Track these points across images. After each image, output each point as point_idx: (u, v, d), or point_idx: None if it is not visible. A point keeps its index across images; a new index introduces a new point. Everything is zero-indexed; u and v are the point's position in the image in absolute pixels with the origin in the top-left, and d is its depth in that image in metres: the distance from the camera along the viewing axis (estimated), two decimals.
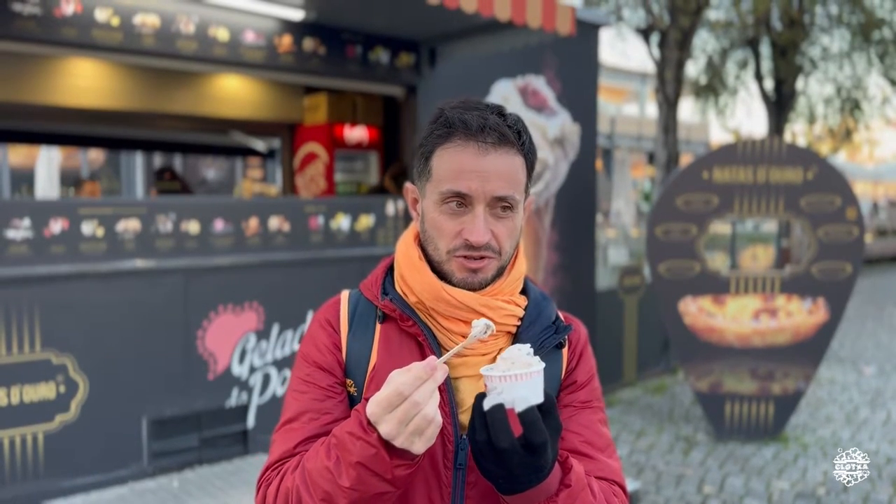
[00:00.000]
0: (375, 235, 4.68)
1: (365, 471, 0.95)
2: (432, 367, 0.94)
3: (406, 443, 0.93)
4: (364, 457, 0.94)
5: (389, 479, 0.95)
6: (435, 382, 0.94)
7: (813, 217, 4.93)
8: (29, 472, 3.45)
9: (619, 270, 7.04)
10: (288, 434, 1.12)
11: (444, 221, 1.12)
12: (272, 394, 4.23)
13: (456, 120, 1.10)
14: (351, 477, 0.96)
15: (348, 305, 1.21)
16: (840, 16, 12.59)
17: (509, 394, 0.94)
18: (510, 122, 1.12)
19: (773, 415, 5.08)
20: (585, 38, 5.70)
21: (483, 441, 0.95)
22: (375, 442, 0.94)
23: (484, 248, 1.10)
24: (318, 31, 4.41)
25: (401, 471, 0.95)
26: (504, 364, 0.96)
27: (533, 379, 0.95)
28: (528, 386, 0.94)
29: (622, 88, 26.95)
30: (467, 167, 1.09)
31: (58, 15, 3.53)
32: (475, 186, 1.09)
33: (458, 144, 1.10)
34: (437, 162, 1.12)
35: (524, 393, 0.94)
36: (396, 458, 0.95)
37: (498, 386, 0.95)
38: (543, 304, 1.21)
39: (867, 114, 14.34)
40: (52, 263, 3.50)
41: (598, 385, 1.24)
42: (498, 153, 1.10)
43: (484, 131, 1.09)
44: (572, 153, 5.75)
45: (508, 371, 0.95)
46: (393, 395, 0.93)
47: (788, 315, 5.01)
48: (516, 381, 0.94)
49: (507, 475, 0.95)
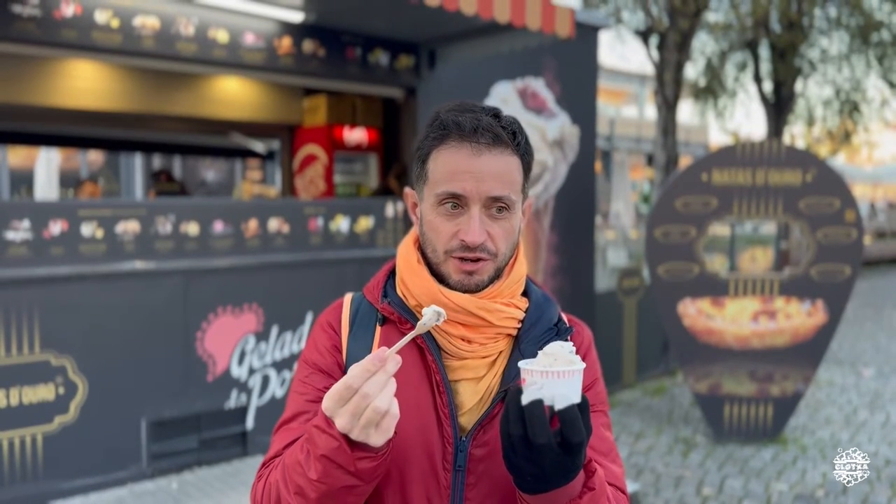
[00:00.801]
0: (375, 237, 4.68)
1: (329, 463, 0.95)
2: (381, 358, 0.93)
3: (361, 436, 0.93)
4: (328, 450, 0.94)
5: (353, 472, 0.95)
6: (386, 374, 0.93)
7: (812, 219, 4.94)
8: (28, 474, 3.44)
9: (619, 272, 7.04)
10: (284, 433, 1.13)
11: (440, 223, 1.12)
12: (271, 395, 4.23)
13: (450, 122, 1.11)
14: (318, 470, 0.96)
15: (350, 308, 1.22)
16: (839, 18, 12.60)
17: (549, 390, 0.92)
18: (505, 123, 1.13)
19: (772, 416, 5.09)
20: (584, 41, 5.71)
21: (518, 436, 0.93)
22: (337, 435, 0.94)
23: (479, 250, 1.10)
24: (318, 32, 4.42)
25: (364, 463, 0.95)
26: (546, 360, 0.94)
27: (574, 377, 0.93)
28: (569, 384, 0.93)
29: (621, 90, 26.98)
30: (462, 168, 1.10)
31: (57, 17, 3.54)
32: (470, 187, 1.09)
33: (453, 146, 1.11)
34: (433, 164, 1.13)
35: (565, 391, 0.92)
36: (359, 451, 0.94)
37: (538, 381, 0.93)
38: (545, 306, 1.21)
39: (866, 116, 14.34)
40: (51, 265, 3.50)
41: (603, 389, 1.23)
42: (492, 154, 1.10)
43: (478, 132, 1.09)
44: (571, 155, 5.76)
45: (551, 367, 0.93)
46: (343, 389, 0.92)
47: (787, 317, 5.02)
48: (558, 379, 0.92)
49: (538, 473, 0.94)
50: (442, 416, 1.10)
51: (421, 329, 1.00)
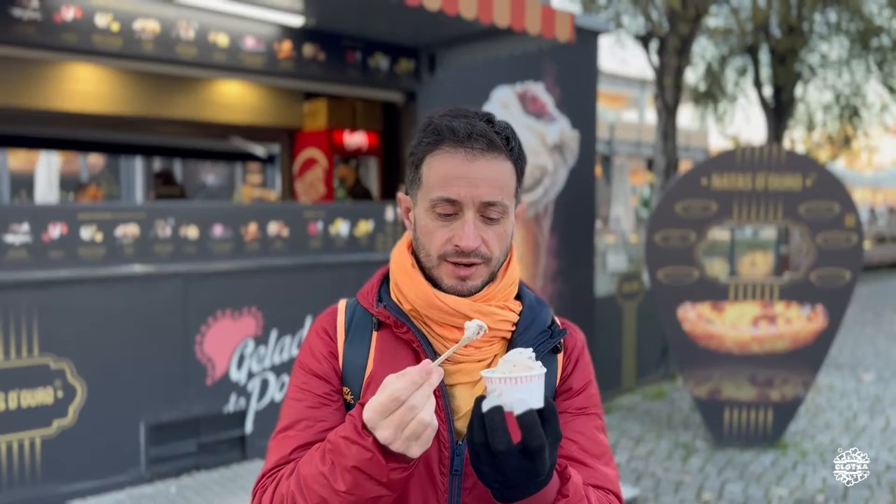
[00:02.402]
0: (374, 241, 4.68)
1: (360, 475, 0.95)
2: (427, 371, 0.94)
3: (403, 447, 0.93)
4: (360, 461, 0.94)
5: (385, 483, 0.95)
6: (430, 386, 0.94)
7: (812, 224, 4.94)
8: (26, 478, 3.44)
9: (618, 276, 7.04)
10: (284, 441, 1.12)
11: (434, 228, 1.12)
12: (270, 399, 4.22)
13: (444, 127, 1.11)
14: (347, 481, 0.96)
15: (345, 314, 1.22)
16: (839, 23, 12.62)
17: (508, 396, 0.94)
18: (498, 128, 1.13)
19: (771, 421, 5.08)
20: (584, 45, 5.72)
21: (480, 443, 0.94)
22: (371, 446, 0.94)
23: (473, 255, 1.11)
24: (318, 37, 4.42)
25: (396, 474, 0.95)
26: (505, 367, 0.96)
27: (533, 382, 0.95)
28: (528, 389, 0.94)
29: (621, 95, 27.02)
30: (456, 173, 1.10)
31: (58, 20, 3.54)
32: (464, 192, 1.09)
33: (447, 151, 1.11)
34: (427, 170, 1.13)
35: (523, 396, 0.94)
36: (392, 462, 0.95)
37: (497, 388, 0.95)
38: (538, 309, 1.21)
39: (866, 121, 14.35)
40: (50, 268, 3.50)
41: (596, 391, 1.24)
42: (486, 159, 1.10)
43: (472, 138, 1.10)
44: (571, 159, 5.76)
45: (509, 374, 0.94)
46: (388, 401, 0.93)
47: (787, 322, 5.01)
48: (516, 384, 0.94)
49: (503, 479, 0.95)
50: (438, 421, 1.10)
51: (464, 342, 1.02)
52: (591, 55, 5.94)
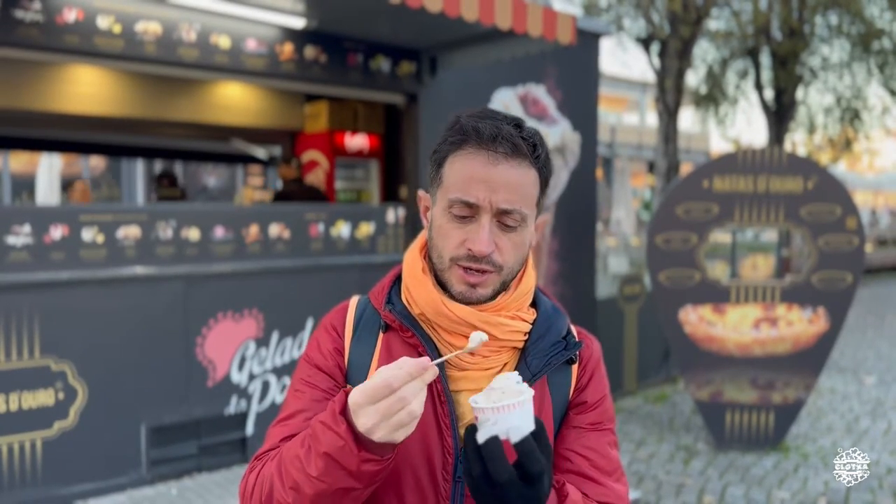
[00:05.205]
0: (375, 243, 4.68)
1: (331, 461, 0.93)
2: (424, 366, 0.93)
3: (387, 435, 0.91)
4: (332, 447, 0.93)
5: (354, 473, 0.93)
6: (423, 382, 0.93)
7: (813, 226, 4.93)
8: (27, 480, 3.44)
9: (620, 279, 7.03)
10: (281, 429, 1.12)
11: (449, 229, 1.10)
12: (271, 401, 4.22)
13: (469, 128, 1.08)
14: (318, 467, 0.94)
15: (355, 311, 1.21)
16: (840, 26, 12.63)
17: (503, 424, 0.92)
18: (526, 134, 1.09)
19: (773, 424, 5.07)
20: (586, 48, 5.72)
21: (479, 475, 0.92)
22: (344, 433, 0.92)
23: (485, 261, 1.08)
24: (320, 39, 4.43)
25: (368, 466, 0.93)
26: (495, 395, 0.94)
27: (524, 407, 0.93)
28: (521, 415, 0.93)
29: (622, 97, 27.01)
30: (476, 176, 1.07)
31: (60, 22, 3.54)
32: (482, 196, 1.06)
33: (469, 153, 1.08)
34: (448, 169, 1.11)
35: (518, 422, 0.92)
36: (365, 452, 0.93)
37: (491, 417, 0.93)
38: (554, 318, 1.19)
39: (867, 124, 14.35)
40: (52, 270, 3.50)
41: (611, 405, 1.21)
42: (509, 164, 1.07)
43: (496, 141, 1.06)
44: (572, 162, 5.76)
45: (501, 402, 0.93)
46: (380, 387, 0.91)
47: (789, 324, 5.01)
48: (509, 412, 0.92)
49: None
50: (443, 426, 1.09)
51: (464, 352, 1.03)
52: (593, 58, 5.94)
